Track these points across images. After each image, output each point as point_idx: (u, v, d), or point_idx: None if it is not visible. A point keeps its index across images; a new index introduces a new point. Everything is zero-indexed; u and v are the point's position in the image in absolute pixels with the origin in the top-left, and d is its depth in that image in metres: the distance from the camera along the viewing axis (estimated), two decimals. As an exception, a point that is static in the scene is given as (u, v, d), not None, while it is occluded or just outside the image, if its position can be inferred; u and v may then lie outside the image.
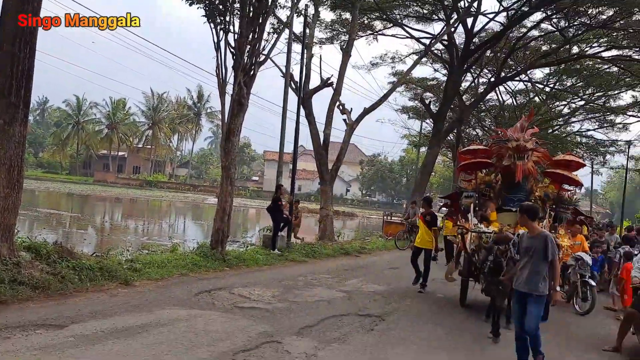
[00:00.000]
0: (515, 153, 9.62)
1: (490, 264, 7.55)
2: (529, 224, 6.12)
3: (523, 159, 9.54)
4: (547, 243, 5.86)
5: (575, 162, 10.55)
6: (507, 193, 10.02)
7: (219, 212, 12.07)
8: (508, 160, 9.71)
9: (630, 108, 31.30)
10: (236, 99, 11.89)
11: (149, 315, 6.87)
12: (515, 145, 9.59)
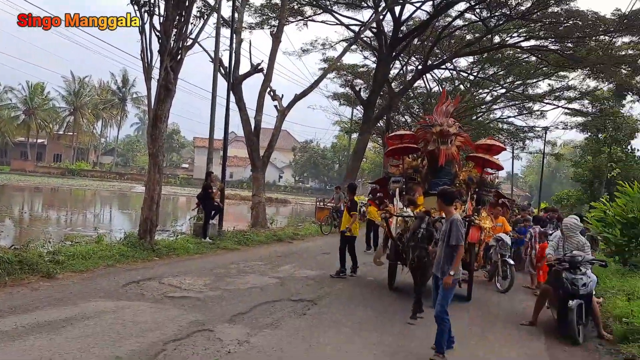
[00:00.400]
0: (439, 138, 9.78)
1: (423, 231, 7.57)
2: (445, 208, 6.19)
3: (446, 144, 9.72)
4: (451, 227, 5.90)
5: (496, 146, 10.87)
6: (433, 177, 10.15)
7: (146, 201, 11.72)
8: (433, 144, 9.87)
9: (546, 96, 33.13)
10: (163, 84, 11.53)
11: (74, 309, 6.60)
12: (438, 130, 9.77)
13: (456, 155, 10.10)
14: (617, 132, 36.06)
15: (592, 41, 23.08)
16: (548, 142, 40.65)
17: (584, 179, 38.58)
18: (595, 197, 31.65)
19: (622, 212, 13.26)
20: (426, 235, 7.60)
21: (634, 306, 8.16)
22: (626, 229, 12.97)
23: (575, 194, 41.09)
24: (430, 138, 9.94)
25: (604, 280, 11.21)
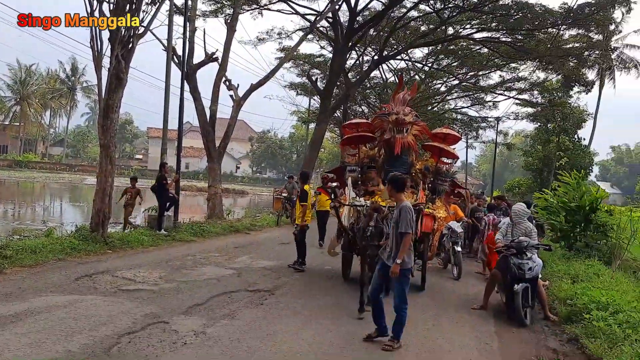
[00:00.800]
0: (395, 126, 9.69)
1: (372, 229, 7.52)
2: (395, 194, 6.08)
3: (402, 133, 9.64)
4: (400, 214, 5.84)
5: (452, 135, 10.87)
6: (389, 167, 9.89)
7: (98, 193, 11.45)
8: (389, 133, 9.77)
9: (498, 87, 34.00)
10: (114, 74, 11.24)
11: (23, 304, 6.42)
12: (394, 119, 9.67)
13: (413, 144, 9.95)
14: (565, 122, 37.46)
15: (540, 33, 23.76)
16: (500, 132, 41.83)
17: (534, 167, 39.98)
18: (544, 185, 32.87)
19: (565, 200, 13.82)
20: (375, 232, 7.51)
21: (577, 288, 8.58)
22: (570, 216, 13.55)
23: (525, 182, 42.52)
24: (387, 127, 9.83)
25: (551, 264, 11.71)
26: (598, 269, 10.55)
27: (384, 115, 10.07)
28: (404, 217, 5.80)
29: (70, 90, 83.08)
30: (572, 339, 6.95)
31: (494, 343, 6.60)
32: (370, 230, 7.51)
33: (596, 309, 7.19)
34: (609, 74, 45.88)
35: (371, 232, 7.50)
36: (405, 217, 5.80)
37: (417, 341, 6.32)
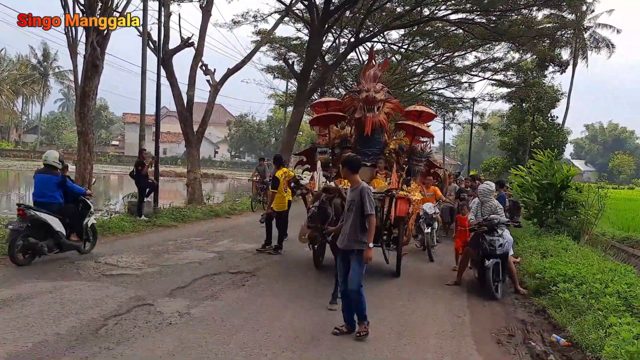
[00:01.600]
0: (365, 105, 9.25)
1: (313, 210, 6.86)
2: (350, 176, 5.81)
3: (373, 111, 9.20)
4: (363, 196, 5.58)
5: (426, 112, 10.26)
6: (362, 147, 9.58)
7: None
8: (359, 112, 9.34)
9: (473, 68, 34.39)
10: (90, 60, 11.29)
11: (9, 291, 6.54)
12: (364, 97, 9.20)
13: (385, 123, 9.51)
14: (540, 102, 38.08)
15: (514, 14, 24.09)
16: (476, 113, 42.36)
17: (510, 147, 40.61)
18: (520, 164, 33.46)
19: (537, 178, 14.24)
20: (317, 214, 6.87)
21: (546, 263, 8.98)
22: (542, 193, 13.98)
23: (501, 161, 43.17)
24: (357, 105, 9.41)
25: (522, 241, 12.17)
26: (567, 244, 10.99)
27: (354, 93, 9.71)
28: (366, 198, 5.56)
29: (42, 76, 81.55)
30: (540, 310, 7.35)
31: (466, 316, 6.93)
32: (311, 211, 6.89)
33: (562, 282, 7.57)
34: (582, 54, 46.65)
35: (312, 214, 6.89)
36: (368, 198, 5.58)
37: (392, 316, 6.62)
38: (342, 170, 5.99)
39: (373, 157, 9.54)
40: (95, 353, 4.70)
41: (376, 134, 9.47)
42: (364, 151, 9.38)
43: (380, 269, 9.23)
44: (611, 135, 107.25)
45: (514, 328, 6.52)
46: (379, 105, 9.30)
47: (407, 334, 5.94)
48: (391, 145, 9.83)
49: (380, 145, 9.63)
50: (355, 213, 5.62)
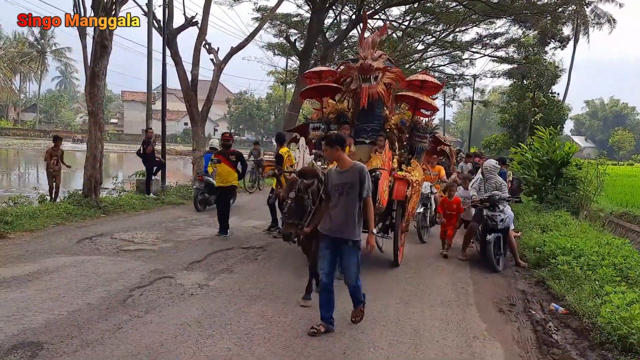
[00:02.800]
0: (360, 74, 8.20)
1: (290, 202, 5.37)
2: (337, 155, 4.99)
3: (369, 81, 8.12)
4: (364, 177, 4.90)
5: (430, 82, 8.82)
6: (360, 123, 8.63)
7: (89, 159, 11.78)
8: (355, 83, 8.31)
9: (474, 44, 34.37)
10: (98, 41, 11.43)
11: (34, 265, 6.87)
12: (359, 65, 8.17)
13: (384, 94, 8.37)
14: (540, 78, 38.12)
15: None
16: (477, 89, 42.40)
17: (510, 123, 40.76)
18: (520, 140, 33.70)
19: (538, 155, 14.52)
20: (294, 207, 5.38)
21: (545, 237, 9.32)
22: (542, 170, 14.29)
23: (502, 138, 43.36)
24: (353, 75, 8.35)
25: (523, 216, 12.50)
26: (566, 219, 11.34)
27: (350, 61, 8.80)
28: (367, 180, 4.92)
29: (40, 54, 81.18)
30: (540, 281, 7.69)
31: (469, 287, 7.28)
32: (288, 204, 5.42)
33: (561, 254, 7.92)
34: (583, 30, 46.50)
35: (289, 207, 5.39)
36: (368, 181, 4.95)
37: (399, 287, 6.96)
38: (329, 151, 5.00)
39: (372, 133, 8.48)
40: (126, 320, 5.04)
41: (376, 108, 8.49)
42: (362, 127, 8.58)
43: (377, 259, 8.32)
44: (612, 112, 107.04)
45: (515, 298, 6.88)
46: (377, 75, 8.18)
47: (414, 303, 6.29)
48: (393, 119, 8.80)
49: (380, 120, 8.62)
50: (351, 197, 4.91)
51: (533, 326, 5.81)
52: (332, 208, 5.01)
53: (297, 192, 5.37)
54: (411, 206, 8.36)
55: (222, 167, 9.57)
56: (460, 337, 5.26)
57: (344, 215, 4.92)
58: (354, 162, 5.05)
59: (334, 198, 4.99)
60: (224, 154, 9.64)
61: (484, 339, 5.28)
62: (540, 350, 5.12)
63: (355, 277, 5.06)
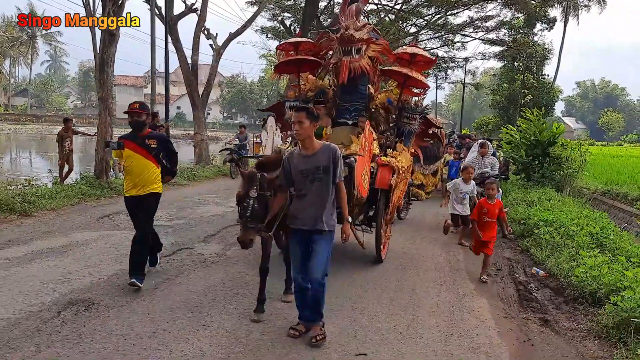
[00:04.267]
0: (341, 45, 7.28)
1: (251, 203, 4.23)
2: (312, 134, 4.32)
3: (351, 54, 7.19)
4: (338, 159, 4.29)
5: (421, 56, 7.76)
6: (342, 102, 7.73)
7: (100, 143, 12.37)
8: (336, 56, 7.46)
9: (466, 27, 34.91)
10: (107, 30, 11.93)
11: (64, 239, 7.53)
12: (339, 35, 7.24)
13: (369, 69, 7.39)
14: (530, 60, 38.78)
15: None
16: (468, 71, 43.00)
17: (501, 105, 41.50)
18: (511, 122, 34.48)
19: (526, 136, 15.27)
20: (257, 209, 4.25)
21: (530, 211, 10.08)
22: (530, 150, 15.04)
23: (493, 119, 44.12)
24: (334, 47, 7.48)
25: (511, 193, 13.30)
26: (550, 196, 12.12)
27: (330, 31, 7.93)
28: (337, 161, 4.29)
29: (30, 38, 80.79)
30: (524, 250, 8.48)
31: (459, 255, 8.04)
32: (250, 204, 4.25)
33: (544, 226, 8.69)
34: (573, 11, 47.15)
35: (252, 208, 4.24)
36: (339, 161, 4.33)
37: (397, 255, 7.69)
38: (296, 124, 4.26)
39: (355, 113, 7.61)
40: (160, 282, 5.74)
41: (359, 85, 7.58)
42: (344, 106, 7.70)
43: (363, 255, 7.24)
44: (602, 93, 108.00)
45: (501, 264, 7.66)
46: (360, 47, 7.20)
47: (411, 268, 7.03)
48: (379, 98, 7.89)
49: (364, 98, 7.71)
50: (324, 183, 4.28)
51: (516, 286, 6.58)
52: (300, 198, 4.34)
53: (260, 190, 4.23)
54: (397, 196, 7.29)
55: (133, 159, 5.70)
56: (451, 294, 6.00)
57: (317, 204, 4.28)
58: (323, 143, 4.39)
59: (303, 186, 4.29)
60: (136, 139, 5.73)
61: (473, 296, 6.03)
62: (521, 304, 5.89)
63: (320, 271, 4.28)
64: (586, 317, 5.41)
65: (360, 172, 6.15)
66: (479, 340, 4.70)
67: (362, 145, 6.45)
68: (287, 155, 4.44)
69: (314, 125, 4.31)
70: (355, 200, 6.15)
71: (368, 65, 7.33)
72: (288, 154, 4.47)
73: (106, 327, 4.43)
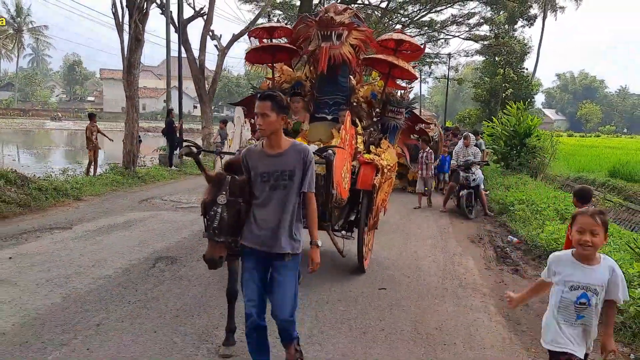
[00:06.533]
0: (319, 30, 6.52)
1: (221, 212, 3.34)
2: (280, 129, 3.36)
3: (330, 39, 6.45)
4: (309, 164, 3.35)
5: (408, 44, 7.02)
6: (321, 95, 7.03)
7: (127, 137, 13.83)
8: (314, 43, 6.68)
9: (449, 25, 36.69)
10: (133, 36, 13.37)
11: (123, 217, 9.05)
12: (318, 19, 6.54)
13: (350, 58, 6.61)
14: (510, 56, 40.71)
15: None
16: (451, 67, 44.83)
17: (483, 98, 43.39)
18: (492, 114, 36.36)
19: (506, 128, 17.03)
20: (227, 220, 3.35)
21: (508, 193, 11.82)
22: (509, 140, 16.80)
23: (475, 112, 46.04)
24: (312, 33, 6.68)
25: (491, 179, 15.04)
26: (525, 180, 13.89)
27: (309, 17, 6.94)
28: (307, 166, 3.35)
29: (16, 32, 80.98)
30: (502, 224, 10.19)
31: (449, 228, 9.73)
32: (216, 212, 3.38)
33: (518, 204, 10.41)
34: (551, 7, 49.25)
35: (220, 218, 3.36)
36: (310, 166, 3.37)
37: (398, 229, 9.35)
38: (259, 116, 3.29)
39: (335, 107, 6.93)
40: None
41: (340, 76, 6.89)
42: (323, 99, 7.02)
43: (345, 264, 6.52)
44: (582, 85, 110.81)
45: (483, 234, 9.36)
46: (341, 32, 6.48)
47: (410, 238, 8.70)
48: (361, 91, 7.12)
49: (345, 91, 7.02)
50: (288, 191, 3.33)
51: (495, 249, 8.27)
52: (258, 208, 3.35)
53: (229, 196, 3.37)
54: (381, 198, 6.54)
55: None
56: (444, 255, 7.68)
57: (277, 218, 3.30)
58: (292, 142, 3.44)
59: (261, 193, 3.33)
60: None
61: (461, 256, 7.70)
62: (498, 261, 7.57)
63: (290, 307, 3.38)
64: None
65: (339, 169, 5.32)
66: (466, 281, 6.37)
67: (342, 139, 5.60)
68: (245, 152, 3.44)
69: (283, 119, 3.32)
70: (335, 202, 5.49)
71: (350, 53, 6.58)
72: (245, 150, 3.48)
73: (195, 273, 6.00)
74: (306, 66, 7.39)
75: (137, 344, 4.11)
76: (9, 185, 9.37)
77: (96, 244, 7.11)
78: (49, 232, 7.70)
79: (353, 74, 7.15)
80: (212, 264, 3.40)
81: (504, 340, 4.61)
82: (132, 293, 5.27)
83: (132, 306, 4.91)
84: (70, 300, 4.98)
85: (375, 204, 6.31)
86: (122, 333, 4.30)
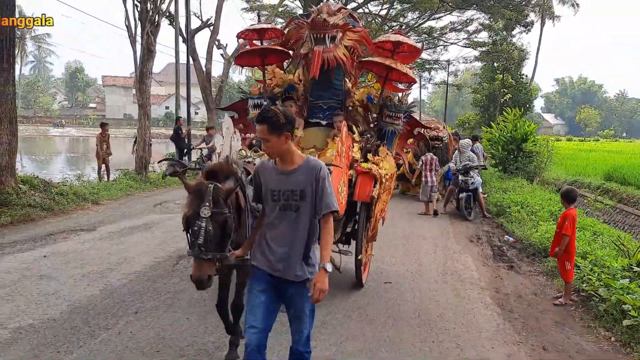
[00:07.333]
0: (312, 32, 6.26)
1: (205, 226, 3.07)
2: (289, 146, 3.02)
3: (324, 42, 6.20)
4: (323, 182, 2.98)
5: (406, 45, 6.63)
6: (315, 99, 6.73)
7: (140, 144, 14.42)
8: (306, 45, 6.40)
9: (449, 32, 37.37)
10: (145, 47, 13.97)
11: (140, 220, 9.60)
12: (310, 20, 6.28)
13: (345, 61, 6.35)
14: (508, 62, 41.36)
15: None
16: (450, 73, 45.52)
17: (482, 104, 44.01)
18: (491, 119, 36.95)
19: (504, 133, 17.60)
20: (213, 234, 3.09)
21: (505, 196, 12.37)
22: (506, 146, 17.36)
23: (474, 117, 46.63)
24: (305, 36, 6.43)
25: (490, 183, 15.59)
26: (522, 184, 14.45)
27: (300, 17, 6.74)
28: (328, 187, 3.00)
29: (19, 40, 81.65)
30: (499, 225, 10.73)
31: (449, 228, 10.29)
32: (200, 227, 3.09)
33: (514, 206, 10.97)
34: (549, 15, 49.99)
35: (205, 232, 3.08)
36: (326, 183, 3.00)
37: (400, 229, 9.90)
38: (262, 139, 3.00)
39: (330, 112, 6.67)
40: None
41: (334, 79, 6.61)
42: (317, 104, 6.74)
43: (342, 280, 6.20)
44: (580, 89, 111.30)
45: (481, 234, 9.90)
46: (335, 34, 6.24)
47: (413, 237, 9.25)
48: (357, 95, 6.81)
49: (339, 95, 6.75)
50: (302, 212, 3.00)
51: (492, 248, 8.81)
52: (268, 228, 3.08)
53: (214, 207, 3.11)
54: (379, 208, 6.29)
55: None
56: (444, 253, 8.23)
57: (288, 241, 3.02)
58: (306, 158, 3.10)
59: (271, 212, 3.06)
60: None
61: (460, 254, 8.25)
62: (494, 258, 8.11)
63: (307, 335, 3.12)
64: (540, 264, 7.65)
65: (336, 186, 4.97)
66: (465, 276, 6.92)
67: (338, 152, 5.45)
68: (258, 166, 3.23)
69: (286, 137, 2.96)
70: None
71: (344, 55, 6.31)
72: (259, 164, 3.27)
73: (216, 269, 6.53)
74: (299, 68, 7.05)
75: (173, 328, 4.66)
76: (33, 190, 9.93)
77: (121, 244, 7.66)
78: (75, 234, 8.26)
79: (348, 76, 6.79)
80: (200, 284, 3.09)
81: (497, 326, 5.15)
82: (162, 286, 5.82)
83: (164, 297, 5.47)
84: (107, 293, 5.53)
85: (374, 215, 6.07)
86: (159, 319, 4.85)
